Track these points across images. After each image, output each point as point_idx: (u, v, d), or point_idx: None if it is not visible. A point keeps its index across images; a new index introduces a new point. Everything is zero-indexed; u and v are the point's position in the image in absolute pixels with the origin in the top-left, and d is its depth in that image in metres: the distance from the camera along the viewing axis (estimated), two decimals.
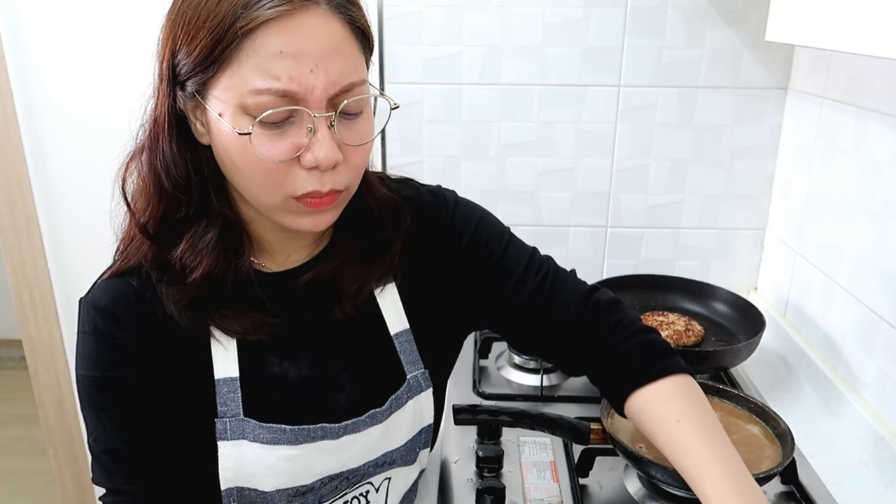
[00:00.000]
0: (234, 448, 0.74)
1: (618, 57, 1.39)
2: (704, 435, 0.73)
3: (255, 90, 0.62)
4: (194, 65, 0.63)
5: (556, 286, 0.84)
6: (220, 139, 0.66)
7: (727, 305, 1.35)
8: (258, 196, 0.69)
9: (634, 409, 0.79)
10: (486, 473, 1.01)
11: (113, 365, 0.72)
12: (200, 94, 0.65)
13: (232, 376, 0.74)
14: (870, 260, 1.11)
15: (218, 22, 0.60)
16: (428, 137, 1.46)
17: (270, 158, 0.65)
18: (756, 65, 1.38)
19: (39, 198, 1.51)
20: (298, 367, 0.77)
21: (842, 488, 0.98)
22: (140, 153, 0.72)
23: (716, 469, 0.70)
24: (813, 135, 1.30)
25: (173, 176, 0.70)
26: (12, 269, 1.55)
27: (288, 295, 0.77)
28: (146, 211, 0.72)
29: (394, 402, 0.80)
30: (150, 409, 0.74)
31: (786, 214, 1.42)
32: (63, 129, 1.46)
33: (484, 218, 0.87)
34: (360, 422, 0.78)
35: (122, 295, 0.73)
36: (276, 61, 0.61)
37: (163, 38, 0.67)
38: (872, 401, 1.10)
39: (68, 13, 1.39)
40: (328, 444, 0.76)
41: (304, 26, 0.61)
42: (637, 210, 1.50)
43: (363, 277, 0.79)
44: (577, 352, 0.84)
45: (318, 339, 0.78)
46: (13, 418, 2.83)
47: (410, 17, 1.38)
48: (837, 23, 0.77)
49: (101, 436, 0.74)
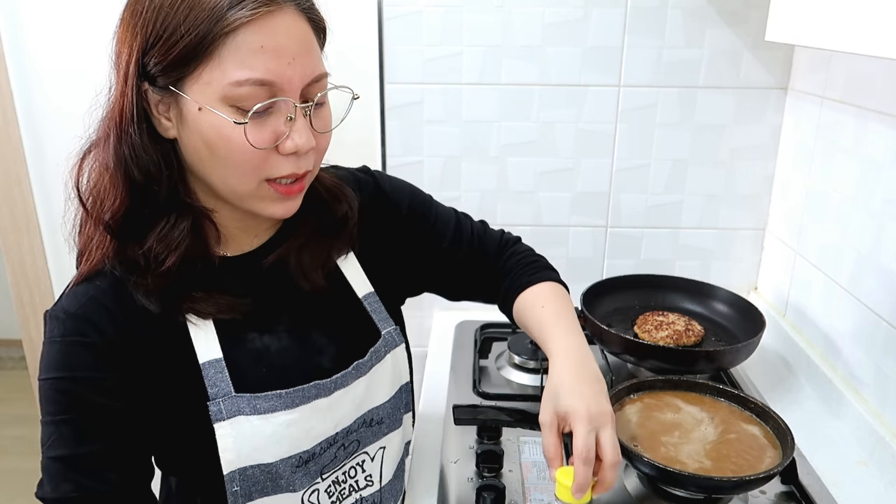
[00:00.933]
0: (232, 426, 0.75)
1: (618, 57, 1.39)
2: (559, 315, 0.89)
3: (236, 82, 0.66)
4: (172, 61, 0.66)
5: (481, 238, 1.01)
6: (197, 130, 0.69)
7: (727, 305, 1.35)
8: (234, 183, 0.72)
9: (517, 310, 0.95)
10: (486, 473, 1.01)
11: (83, 366, 0.72)
12: (176, 87, 0.68)
13: (216, 357, 0.76)
14: (870, 260, 1.11)
15: (201, 21, 0.64)
16: (428, 137, 1.46)
17: (258, 146, 0.69)
18: (756, 65, 1.38)
19: (39, 198, 1.51)
20: (279, 338, 0.80)
21: (842, 488, 0.98)
22: (98, 149, 0.73)
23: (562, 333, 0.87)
24: (813, 135, 1.30)
25: (145, 168, 0.71)
26: (12, 269, 1.55)
27: (255, 275, 0.81)
28: (111, 206, 0.72)
29: (373, 354, 0.86)
30: (114, 412, 0.73)
31: (786, 214, 1.42)
32: (63, 129, 1.46)
33: (413, 189, 1.00)
34: (348, 374, 0.82)
35: (91, 299, 0.73)
36: (257, 55, 0.66)
37: (124, 37, 0.69)
38: (872, 401, 1.10)
39: (68, 13, 1.39)
40: (322, 402, 0.80)
41: (280, 25, 0.67)
42: (637, 210, 1.50)
43: (325, 251, 0.85)
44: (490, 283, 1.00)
45: (292, 310, 0.82)
46: (13, 418, 2.83)
47: (410, 17, 1.38)
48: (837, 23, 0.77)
49: (55, 441, 0.72)
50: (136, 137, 0.70)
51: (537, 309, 0.92)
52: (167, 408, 0.75)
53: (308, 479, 0.80)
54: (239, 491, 0.76)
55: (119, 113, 0.70)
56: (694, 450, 0.92)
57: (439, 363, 1.36)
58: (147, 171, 0.71)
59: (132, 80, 0.68)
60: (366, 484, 0.88)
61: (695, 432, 0.95)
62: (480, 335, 1.42)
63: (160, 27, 0.66)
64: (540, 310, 0.91)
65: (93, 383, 0.72)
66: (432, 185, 1.48)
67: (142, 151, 0.70)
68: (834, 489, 0.98)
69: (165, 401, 0.75)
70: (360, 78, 1.40)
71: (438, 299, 1.06)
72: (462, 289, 1.03)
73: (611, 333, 1.18)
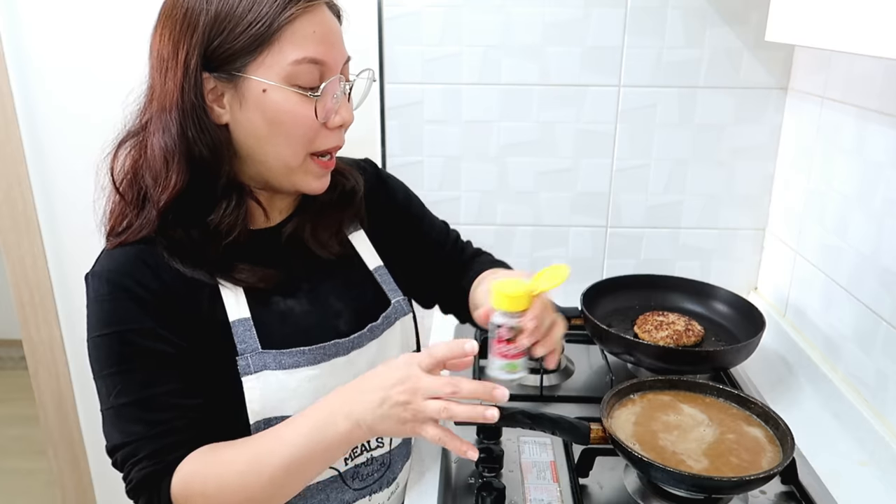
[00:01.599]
0: (259, 380, 0.81)
1: (618, 57, 1.39)
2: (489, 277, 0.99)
3: (295, 61, 0.77)
4: (239, 50, 0.76)
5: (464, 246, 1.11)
6: (260, 109, 0.78)
7: (727, 305, 1.35)
8: (287, 157, 0.81)
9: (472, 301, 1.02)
10: (486, 473, 1.01)
11: (135, 317, 0.77)
12: (242, 72, 0.77)
13: (245, 317, 0.83)
14: (870, 260, 1.11)
15: (265, 13, 0.75)
16: (428, 137, 1.46)
17: (321, 118, 0.80)
18: (756, 65, 1.38)
19: (39, 198, 1.51)
20: (300, 302, 0.88)
21: (842, 488, 0.98)
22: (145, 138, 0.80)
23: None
24: (813, 135, 1.30)
25: (212, 146, 0.79)
26: (12, 269, 1.55)
27: (277, 246, 0.89)
28: (168, 188, 0.78)
29: (385, 319, 0.94)
30: (170, 357, 0.79)
31: (786, 214, 1.42)
32: (63, 130, 1.46)
33: (408, 189, 1.09)
34: (363, 335, 0.90)
35: (130, 257, 0.79)
36: (310, 39, 0.78)
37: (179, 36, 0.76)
38: (872, 401, 1.10)
39: (69, 13, 1.40)
40: (340, 360, 0.87)
41: (323, 15, 0.80)
42: (637, 210, 1.50)
43: (336, 222, 0.94)
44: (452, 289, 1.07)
45: (311, 278, 0.91)
46: (13, 418, 2.83)
47: (410, 17, 1.38)
48: (837, 23, 0.77)
49: (121, 391, 0.77)
50: (205, 122, 0.78)
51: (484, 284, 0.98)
52: (200, 361, 0.80)
53: None
54: None
55: (179, 102, 0.77)
56: (694, 450, 0.92)
57: None
58: (214, 150, 0.79)
59: (194, 71, 0.76)
60: (376, 445, 0.93)
61: (695, 432, 0.95)
62: (480, 335, 1.42)
63: (224, 19, 0.75)
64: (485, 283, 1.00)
65: (145, 332, 0.78)
66: (432, 185, 1.48)
67: (208, 135, 0.78)
68: (834, 489, 0.98)
69: (198, 354, 0.80)
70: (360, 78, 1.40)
71: None
72: (434, 291, 1.10)
73: (611, 333, 1.18)
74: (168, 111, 0.77)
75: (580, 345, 1.39)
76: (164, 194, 0.78)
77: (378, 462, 0.93)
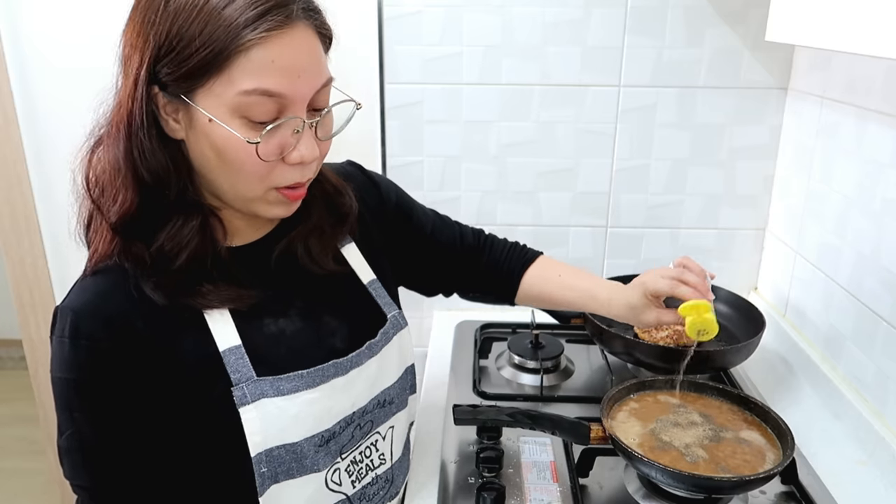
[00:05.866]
0: (257, 409, 0.76)
1: (618, 57, 1.39)
2: (582, 274, 1.04)
3: (244, 91, 0.68)
4: (185, 73, 0.68)
5: (462, 229, 1.08)
6: (206, 139, 0.71)
7: (727, 305, 1.35)
8: (240, 189, 0.75)
9: (524, 291, 1.05)
10: (486, 473, 1.01)
11: (92, 366, 0.73)
12: (187, 97, 0.70)
13: (235, 344, 0.77)
14: (870, 260, 1.11)
15: (216, 38, 0.67)
16: (428, 137, 1.46)
17: (266, 158, 0.72)
18: (756, 65, 1.38)
19: (39, 198, 1.51)
20: (292, 322, 0.83)
21: (842, 488, 0.98)
22: (106, 146, 0.74)
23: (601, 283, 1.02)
24: (813, 135, 1.30)
25: (155, 170, 0.73)
26: (12, 269, 1.55)
27: (264, 263, 0.84)
28: (119, 206, 0.73)
29: (383, 335, 0.90)
30: (129, 404, 0.75)
31: (786, 214, 1.42)
32: (63, 130, 1.46)
33: (396, 186, 1.05)
34: (362, 353, 0.86)
35: (101, 294, 0.74)
36: (268, 70, 0.69)
37: (135, 41, 0.71)
38: (872, 401, 1.10)
39: (69, 14, 1.39)
40: (340, 381, 0.83)
41: (290, 40, 0.70)
42: (637, 210, 1.50)
43: (331, 240, 0.89)
44: (473, 274, 1.07)
45: (303, 295, 0.85)
46: (13, 418, 2.83)
47: (410, 17, 1.38)
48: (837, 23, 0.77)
49: (74, 433, 0.75)
50: (146, 141, 0.71)
51: (555, 279, 1.03)
52: (190, 396, 0.76)
53: (329, 458, 0.83)
54: (266, 472, 0.78)
55: (128, 115, 0.71)
56: (694, 450, 0.92)
57: (439, 363, 1.36)
58: (156, 173, 0.73)
59: (142, 85, 0.70)
60: (380, 462, 0.91)
61: (695, 432, 0.95)
62: (480, 335, 1.42)
63: (174, 37, 0.67)
64: (558, 279, 1.03)
65: (102, 384, 0.73)
66: (432, 185, 1.48)
67: (151, 154, 0.72)
68: (834, 489, 0.98)
69: (188, 389, 0.76)
70: (360, 78, 1.40)
71: (438, 299, 1.06)
72: (443, 280, 1.08)
73: (611, 333, 1.18)
74: (116, 124, 0.72)
75: (580, 345, 1.39)
76: (115, 212, 0.73)
77: (382, 479, 0.92)
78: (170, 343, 0.75)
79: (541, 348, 1.30)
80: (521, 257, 1.07)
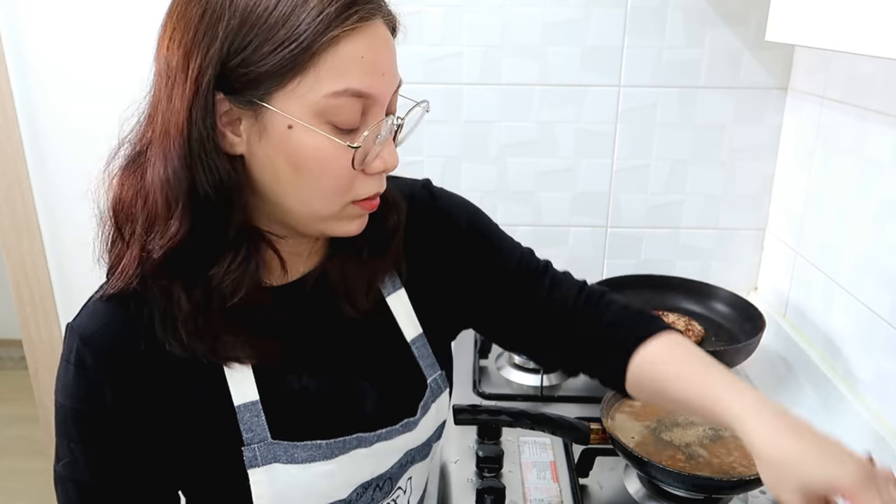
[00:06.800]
0: (267, 473, 0.69)
1: (618, 57, 1.39)
2: (713, 366, 0.71)
3: (333, 93, 0.60)
4: (265, 73, 0.59)
5: (552, 274, 0.85)
6: (283, 149, 0.62)
7: (727, 305, 1.35)
8: (316, 206, 0.65)
9: (636, 373, 0.76)
10: (486, 473, 1.01)
11: (94, 401, 0.67)
12: (263, 101, 0.60)
13: (252, 400, 0.69)
14: (870, 260, 1.11)
15: (303, 30, 0.58)
16: (428, 137, 1.46)
17: (359, 166, 0.64)
18: (756, 65, 1.38)
19: (39, 198, 1.51)
20: (318, 381, 0.74)
21: None
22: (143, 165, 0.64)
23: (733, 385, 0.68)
24: (813, 135, 1.30)
25: (220, 186, 0.62)
26: (12, 269, 1.55)
27: (297, 306, 0.73)
28: (165, 233, 0.62)
29: (422, 409, 0.79)
30: (129, 447, 0.69)
31: (786, 214, 1.42)
32: (63, 130, 1.46)
33: (476, 209, 0.88)
34: (394, 430, 0.76)
35: (113, 324, 0.66)
36: (356, 66, 0.61)
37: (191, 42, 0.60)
38: (872, 401, 1.10)
39: (69, 14, 1.39)
40: (362, 451, 0.74)
41: (375, 35, 0.63)
42: (637, 210, 1.50)
43: (370, 272, 0.76)
44: (572, 341, 0.82)
45: (335, 351, 0.76)
46: (13, 418, 2.83)
47: (410, 17, 1.38)
48: (837, 23, 0.77)
49: (70, 464, 0.70)
50: (212, 153, 0.61)
51: (675, 364, 0.73)
52: (197, 449, 0.70)
53: None
54: None
55: (186, 126, 0.60)
56: (694, 450, 0.92)
57: None
58: (223, 193, 0.62)
59: (206, 90, 0.59)
60: None
61: (694, 432, 0.95)
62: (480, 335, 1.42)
63: (249, 32, 0.58)
64: (682, 364, 0.73)
65: (102, 420, 0.67)
66: None
67: (216, 172, 0.62)
68: None
69: (195, 441, 0.70)
70: None
71: None
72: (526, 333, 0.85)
73: None
74: (171, 137, 0.61)
75: None
76: (162, 242, 0.62)
77: None
78: (181, 388, 0.68)
79: None
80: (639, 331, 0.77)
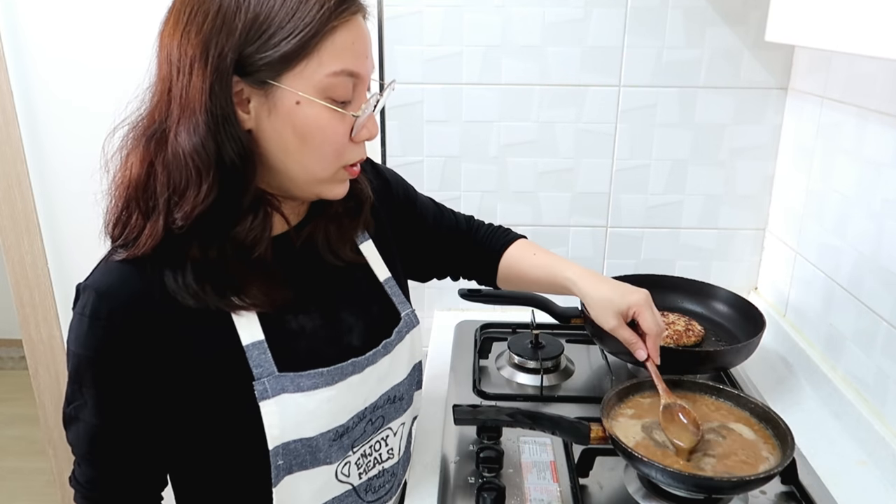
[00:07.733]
0: (277, 404, 0.78)
1: (618, 57, 1.39)
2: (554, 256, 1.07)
3: (333, 73, 0.73)
4: (279, 57, 0.71)
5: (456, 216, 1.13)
6: (290, 121, 0.74)
7: (727, 305, 1.35)
8: (315, 170, 0.78)
9: (504, 272, 1.10)
10: (486, 473, 1.01)
11: (108, 350, 0.74)
12: (276, 81, 0.72)
13: (259, 339, 0.79)
14: (870, 260, 1.11)
15: (310, 21, 0.71)
16: (428, 137, 1.46)
17: (355, 134, 0.78)
18: (756, 65, 1.38)
19: (39, 198, 1.51)
20: (312, 319, 0.85)
21: (842, 488, 0.98)
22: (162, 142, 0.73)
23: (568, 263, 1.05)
24: (813, 135, 1.30)
25: (243, 156, 0.74)
26: (12, 269, 1.55)
27: (289, 256, 0.85)
28: (193, 199, 0.72)
29: (397, 334, 0.92)
30: (138, 393, 0.77)
31: (786, 214, 1.42)
32: (63, 130, 1.46)
33: (400, 176, 1.09)
34: (378, 352, 0.88)
35: (126, 277, 0.74)
36: (349, 50, 0.75)
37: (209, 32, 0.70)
38: (872, 401, 1.10)
39: (69, 13, 1.39)
40: (356, 378, 0.85)
41: (360, 25, 0.77)
42: (637, 210, 1.50)
43: (350, 228, 0.91)
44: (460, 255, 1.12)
45: (323, 293, 0.87)
46: (13, 418, 2.83)
47: (410, 17, 1.38)
48: (837, 23, 0.77)
49: (81, 406, 0.78)
50: (235, 127, 0.72)
51: (530, 258, 1.07)
52: (209, 387, 0.78)
53: (342, 452, 0.85)
54: (282, 465, 0.80)
55: (207, 104, 0.71)
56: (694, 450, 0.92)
57: (439, 363, 1.36)
58: (245, 160, 0.74)
59: (226, 74, 0.71)
60: (388, 457, 0.93)
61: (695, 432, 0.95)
62: (480, 335, 1.42)
63: (264, 23, 0.70)
64: (533, 257, 1.07)
65: (116, 367, 0.75)
66: (432, 185, 1.48)
67: (238, 141, 0.73)
68: (834, 489, 0.98)
69: (207, 380, 0.77)
70: None
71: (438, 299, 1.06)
72: (437, 265, 1.13)
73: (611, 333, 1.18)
74: (196, 114, 0.71)
75: (580, 345, 1.39)
76: (192, 207, 0.72)
77: (388, 472, 0.94)
78: (192, 333, 0.76)
79: (541, 348, 1.30)
80: (503, 238, 1.12)
